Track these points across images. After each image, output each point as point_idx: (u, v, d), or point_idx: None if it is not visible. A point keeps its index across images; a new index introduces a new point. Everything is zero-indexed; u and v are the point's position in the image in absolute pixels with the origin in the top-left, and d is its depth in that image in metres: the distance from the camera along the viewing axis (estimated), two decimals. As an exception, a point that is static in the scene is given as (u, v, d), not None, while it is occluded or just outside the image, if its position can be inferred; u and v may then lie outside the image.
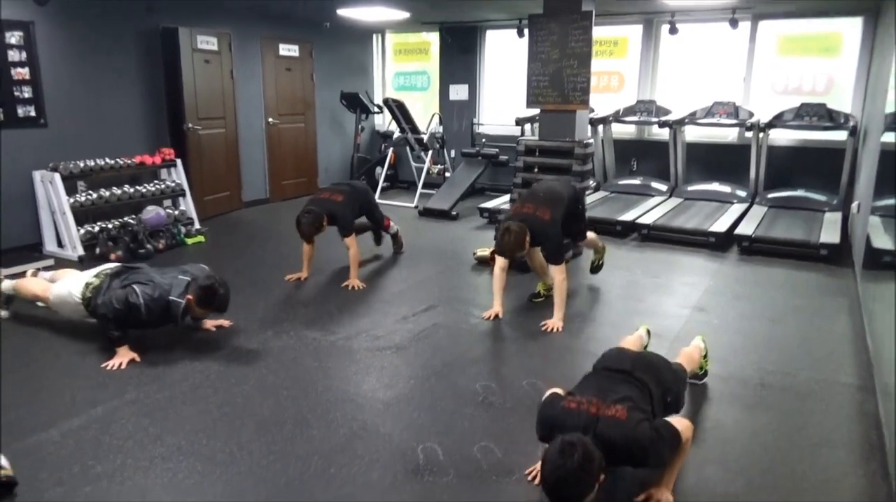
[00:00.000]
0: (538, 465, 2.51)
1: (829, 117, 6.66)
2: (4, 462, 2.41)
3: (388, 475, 2.52)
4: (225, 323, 4.02)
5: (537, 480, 2.46)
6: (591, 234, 4.87)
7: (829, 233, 5.85)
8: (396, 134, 8.98)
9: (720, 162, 7.67)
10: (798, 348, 3.78)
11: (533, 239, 4.07)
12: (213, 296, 3.53)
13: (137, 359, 3.50)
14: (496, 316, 4.22)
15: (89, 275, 3.69)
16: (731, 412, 3.03)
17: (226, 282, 3.60)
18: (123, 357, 3.48)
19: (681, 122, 7.34)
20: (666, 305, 4.53)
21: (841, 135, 6.73)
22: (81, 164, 5.70)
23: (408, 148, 8.84)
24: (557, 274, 4.09)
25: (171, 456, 2.62)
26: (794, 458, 2.65)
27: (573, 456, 2.03)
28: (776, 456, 2.67)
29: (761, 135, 7.01)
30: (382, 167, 8.80)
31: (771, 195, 7.12)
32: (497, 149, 8.05)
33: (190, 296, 3.50)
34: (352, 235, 4.94)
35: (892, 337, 2.91)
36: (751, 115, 7.06)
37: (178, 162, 6.51)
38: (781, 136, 7.27)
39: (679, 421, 2.34)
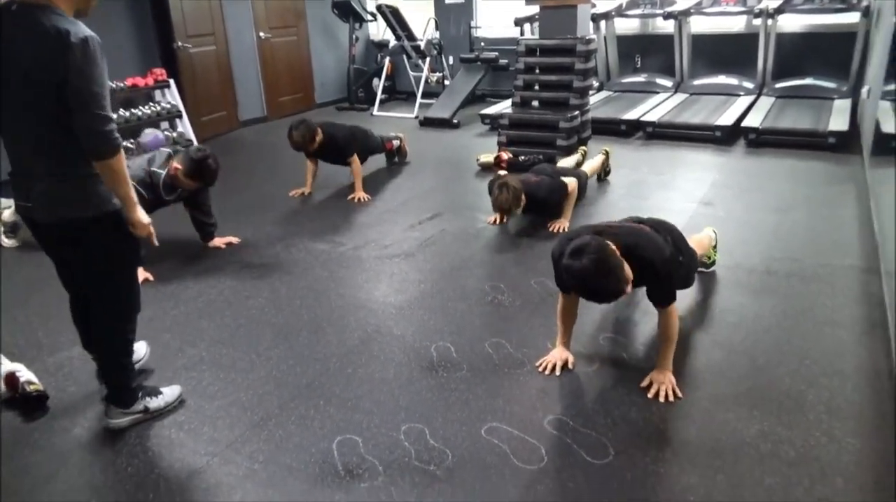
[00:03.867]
0: (548, 357, 2.60)
1: (840, -1, 6.39)
2: (33, 377, 2.50)
3: (403, 372, 2.61)
4: (234, 239, 4.05)
5: (548, 370, 2.55)
6: (589, 165, 4.79)
7: (838, 121, 5.74)
8: (392, 42, 8.70)
9: (727, 53, 7.43)
10: (804, 236, 3.80)
11: (532, 200, 3.95)
12: (204, 167, 3.53)
13: (151, 278, 3.55)
14: (502, 219, 4.23)
15: None
16: (736, 298, 3.09)
17: (216, 156, 3.60)
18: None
19: (686, 13, 7.07)
20: (671, 201, 4.52)
21: (853, 18, 6.48)
22: (74, 90, 5.58)
23: (404, 56, 8.60)
24: (570, 183, 4.09)
25: (194, 366, 2.71)
26: (798, 338, 2.71)
27: (586, 257, 2.07)
28: (780, 336, 2.73)
29: (770, 21, 6.76)
30: (380, 78, 8.59)
31: (779, 85, 6.95)
32: (497, 53, 7.82)
33: (178, 166, 3.50)
34: (353, 155, 4.90)
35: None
36: (759, 0, 6.77)
37: (171, 82, 6.38)
38: (791, 23, 6.99)
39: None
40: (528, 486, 1.97)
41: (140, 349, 2.64)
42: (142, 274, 3.54)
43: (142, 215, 2.10)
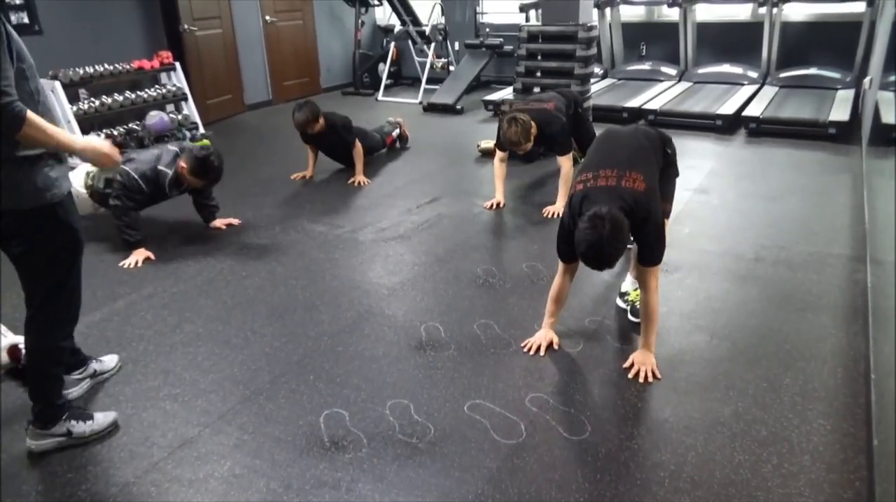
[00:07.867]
0: (533, 338, 2.67)
1: (846, -13, 6.36)
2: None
3: (392, 350, 2.68)
4: (234, 221, 4.13)
5: (533, 351, 2.62)
6: None
7: (840, 112, 5.74)
8: (398, 27, 8.71)
9: (732, 42, 7.41)
10: (796, 224, 3.83)
11: (541, 134, 4.05)
12: (208, 166, 3.62)
13: (152, 257, 3.64)
14: (498, 205, 4.29)
15: (88, 165, 3.79)
16: (723, 285, 3.13)
17: (220, 154, 3.69)
18: (139, 256, 3.62)
19: (691, 0, 7.04)
20: (668, 188, 4.55)
21: (859, 7, 6.44)
22: (81, 72, 5.65)
23: (410, 42, 8.61)
24: (564, 162, 4.13)
25: (191, 342, 2.80)
26: (779, 323, 2.76)
27: (604, 227, 2.14)
28: (762, 321, 2.78)
29: (775, 10, 6.73)
30: (385, 63, 8.61)
31: (783, 74, 6.93)
32: (502, 39, 7.83)
33: (183, 165, 3.61)
34: (356, 140, 4.97)
35: (890, 206, 2.94)
36: (764, -11, 6.75)
37: (177, 65, 6.43)
38: (796, 11, 6.96)
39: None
40: (505, 459, 2.04)
41: (110, 361, 2.59)
42: (143, 253, 3.64)
43: (85, 141, 2.06)
